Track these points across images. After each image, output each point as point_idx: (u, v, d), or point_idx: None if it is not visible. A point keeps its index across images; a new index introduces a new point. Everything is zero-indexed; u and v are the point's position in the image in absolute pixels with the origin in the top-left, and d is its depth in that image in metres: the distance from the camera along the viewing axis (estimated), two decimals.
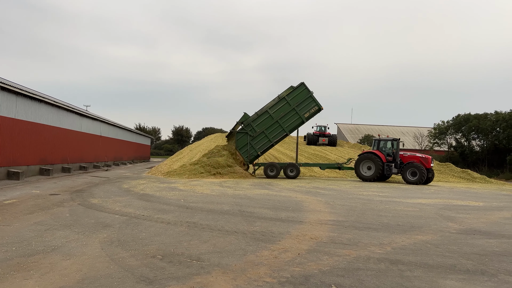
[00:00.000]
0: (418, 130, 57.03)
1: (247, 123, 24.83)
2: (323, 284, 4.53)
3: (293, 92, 24.94)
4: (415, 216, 10.06)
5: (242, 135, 25.00)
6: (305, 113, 25.07)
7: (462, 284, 4.69)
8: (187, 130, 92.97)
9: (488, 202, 14.18)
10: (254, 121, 24.82)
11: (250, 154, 25.10)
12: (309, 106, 25.05)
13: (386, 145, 24.68)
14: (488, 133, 42.99)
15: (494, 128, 42.29)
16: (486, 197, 16.60)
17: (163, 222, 8.14)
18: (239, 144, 25.24)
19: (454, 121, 46.43)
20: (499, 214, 10.99)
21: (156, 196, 12.59)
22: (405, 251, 6.24)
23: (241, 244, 6.37)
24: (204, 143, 39.86)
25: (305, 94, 24.94)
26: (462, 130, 45.18)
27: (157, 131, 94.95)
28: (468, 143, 45.51)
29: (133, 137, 48.73)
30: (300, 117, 24.95)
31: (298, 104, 24.80)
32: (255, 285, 4.42)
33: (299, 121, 25.14)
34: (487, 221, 9.68)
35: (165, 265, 5.07)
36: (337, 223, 8.65)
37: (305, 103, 24.97)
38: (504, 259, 5.92)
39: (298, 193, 15.02)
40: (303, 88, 25.01)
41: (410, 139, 58.52)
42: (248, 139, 24.81)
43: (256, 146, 24.94)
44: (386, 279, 4.79)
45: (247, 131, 24.78)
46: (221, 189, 15.44)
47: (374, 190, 17.66)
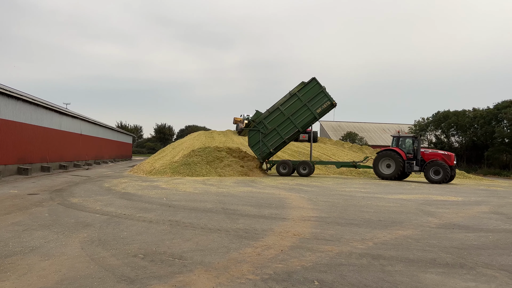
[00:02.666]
0: (399, 127, 57.85)
1: (259, 120, 24.62)
2: (305, 280, 4.54)
3: (304, 88, 24.43)
4: (396, 211, 10.20)
5: (254, 133, 24.81)
6: (317, 109, 24.45)
7: (441, 277, 4.77)
8: (169, 128, 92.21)
9: (466, 197, 14.48)
10: (266, 118, 24.56)
11: (262, 151, 24.88)
12: (321, 102, 24.43)
13: (406, 142, 23.58)
14: (466, 130, 43.96)
15: (472, 124, 43.25)
16: (465, 192, 16.96)
17: (145, 220, 8.05)
18: (251, 141, 25.04)
19: (434, 118, 47.34)
20: (477, 209, 11.23)
21: (138, 195, 12.45)
22: (386, 246, 6.31)
23: (224, 241, 6.34)
24: (187, 141, 39.60)
25: (316, 89, 24.36)
26: (441, 126, 46.09)
27: (139, 129, 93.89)
28: (447, 140, 46.47)
29: (114, 135, 48.06)
30: (312, 113, 24.38)
31: (310, 99, 24.26)
32: (238, 282, 4.40)
33: (311, 117, 24.60)
34: (466, 215, 9.89)
35: (147, 264, 5.01)
36: (319, 219, 8.70)
37: (316, 99, 24.39)
38: (482, 253, 6.05)
39: (281, 190, 15.06)
40: (315, 83, 24.43)
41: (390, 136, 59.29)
42: (260, 137, 24.59)
43: (268, 143, 24.68)
44: (368, 274, 4.83)
45: (259, 128, 24.57)
46: (204, 187, 15.37)
47: (356, 187, 17.84)
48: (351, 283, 4.48)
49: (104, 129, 42.30)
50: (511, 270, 5.15)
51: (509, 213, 10.56)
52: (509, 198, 14.89)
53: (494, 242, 6.81)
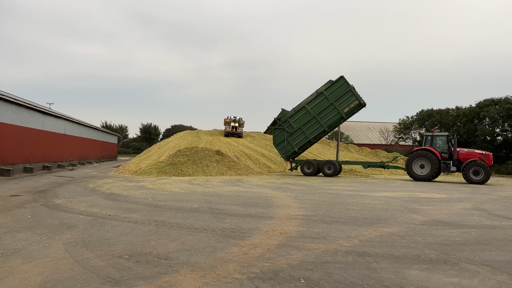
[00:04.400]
0: (384, 126, 58.52)
1: (285, 119, 24.34)
2: (292, 278, 4.55)
3: (331, 87, 24.01)
4: (381, 209, 10.31)
5: (279, 131, 24.58)
6: (344, 108, 23.94)
7: (425, 273, 4.83)
8: (155, 127, 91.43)
9: (450, 194, 14.72)
10: (292, 117, 24.30)
11: (287, 150, 24.67)
12: (348, 101, 23.90)
13: (440, 141, 22.60)
14: (449, 128, 44.66)
15: (455, 123, 43.98)
16: (449, 189, 17.23)
17: (130, 221, 7.97)
18: (276, 140, 24.82)
19: (418, 116, 48.00)
20: (460, 205, 11.42)
21: (123, 195, 12.32)
22: (372, 243, 6.37)
23: (210, 241, 6.32)
24: (173, 141, 39.36)
25: (344, 88, 23.88)
26: (425, 125, 46.74)
27: (124, 129, 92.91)
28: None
29: (99, 135, 47.48)
30: (339, 112, 23.91)
31: (337, 98, 23.81)
32: (224, 282, 4.39)
33: (338, 116, 24.11)
34: (449, 212, 10.05)
35: (132, 265, 4.96)
36: (306, 217, 8.74)
37: (344, 98, 23.89)
38: (465, 248, 6.15)
39: (268, 189, 15.08)
40: (343, 81, 23.97)
41: (376, 135, 59.96)
42: (285, 135, 24.33)
43: (293, 142, 24.47)
44: (353, 271, 4.87)
45: (284, 127, 24.33)
46: (190, 187, 15.29)
47: (342, 185, 17.98)
48: (337, 280, 4.51)
49: (89, 129, 41.76)
50: (493, 265, 5.25)
51: (491, 209, 10.77)
52: (491, 194, 15.18)
53: (477, 238, 6.93)
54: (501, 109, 39.15)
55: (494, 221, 8.81)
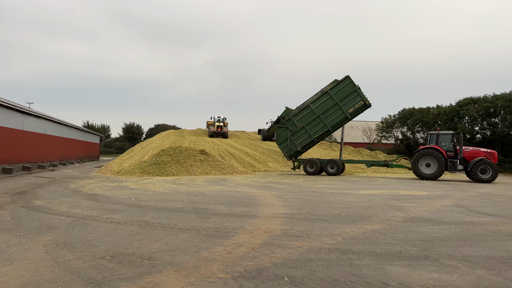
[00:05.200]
0: (367, 124, 59.14)
1: (288, 118, 24.08)
2: (276, 276, 4.57)
3: (337, 86, 23.75)
4: (364, 206, 10.42)
5: (283, 130, 24.33)
6: (349, 109, 23.73)
7: (407, 269, 4.91)
8: (138, 127, 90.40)
9: (431, 191, 14.97)
10: (295, 116, 24.06)
11: (290, 149, 24.43)
12: (354, 101, 23.68)
13: (446, 139, 22.31)
14: (431, 126, 45.41)
15: (436, 121, 44.75)
16: (430, 186, 17.54)
17: (112, 222, 7.87)
18: (279, 138, 24.56)
19: (400, 115, 48.68)
20: (441, 202, 11.63)
21: (105, 196, 12.16)
22: (354, 240, 6.44)
23: (194, 241, 6.29)
24: (156, 140, 39.03)
25: (350, 88, 23.62)
26: (407, 123, 47.47)
27: (106, 128, 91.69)
28: (413, 136, 47.88)
29: (80, 135, 46.74)
30: (343, 112, 23.70)
31: (342, 98, 23.57)
32: (208, 281, 4.38)
33: (342, 116, 23.90)
34: (430, 209, 10.22)
35: (115, 266, 4.90)
36: (290, 216, 8.77)
37: (349, 98, 23.66)
38: (445, 244, 6.27)
39: (252, 188, 15.09)
40: (348, 81, 23.70)
41: (359, 133, 60.56)
42: (289, 134, 24.06)
43: (296, 141, 24.24)
44: (336, 268, 4.91)
45: (288, 125, 24.08)
46: (174, 187, 15.19)
47: (326, 183, 18.11)
48: (320, 278, 4.55)
49: (70, 128, 41.06)
50: (472, 260, 5.37)
51: (470, 205, 11.00)
52: (471, 191, 15.50)
53: (457, 234, 7.07)
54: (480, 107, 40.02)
55: (473, 217, 9.00)
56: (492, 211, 9.94)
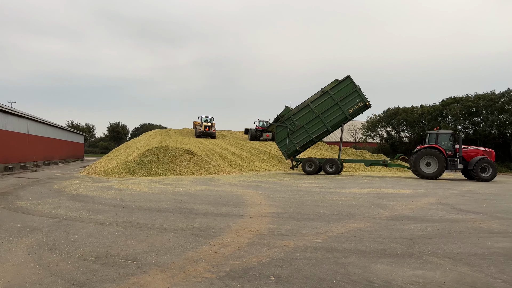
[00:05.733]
0: (352, 124, 59.63)
1: (288, 117, 23.99)
2: (262, 275, 4.57)
3: (337, 86, 23.74)
4: (349, 205, 10.51)
5: (282, 129, 24.24)
6: (349, 109, 23.72)
7: (391, 267, 4.97)
8: (123, 126, 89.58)
9: (415, 190, 15.19)
10: (295, 115, 23.97)
11: (288, 148, 24.33)
12: (354, 102, 23.69)
13: (444, 138, 22.50)
14: (415, 125, 46.07)
15: (420, 120, 45.40)
16: (414, 185, 17.79)
17: (97, 222, 7.78)
18: (278, 137, 24.48)
19: (385, 114, 49.26)
20: (424, 200, 11.81)
21: (90, 196, 12.01)
22: (340, 239, 6.49)
23: (180, 241, 6.26)
24: (142, 140, 38.74)
25: (350, 88, 23.61)
26: (392, 122, 48.04)
27: (91, 128, 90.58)
28: (397, 135, 48.49)
29: (64, 135, 46.05)
30: (343, 112, 23.69)
31: (342, 98, 23.54)
32: (194, 281, 4.36)
33: (342, 117, 23.90)
34: (414, 207, 10.37)
35: (99, 267, 4.85)
36: (276, 215, 8.80)
37: (349, 98, 23.66)
38: (429, 242, 6.37)
39: (239, 188, 15.08)
40: (349, 81, 23.70)
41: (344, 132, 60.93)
42: (288, 133, 23.96)
43: (295, 140, 24.16)
44: (322, 266, 4.95)
45: (287, 124, 23.98)
46: (160, 187, 15.09)
47: (312, 182, 18.21)
48: (306, 276, 4.57)
49: (54, 128, 40.42)
50: (455, 257, 5.46)
51: (453, 203, 11.19)
52: (454, 189, 15.78)
53: (440, 232, 7.19)
54: (463, 107, 40.73)
55: (456, 214, 9.16)
56: (474, 209, 10.14)
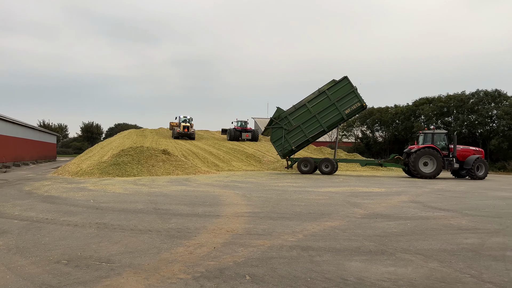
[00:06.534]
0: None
1: (284, 116, 23.86)
2: (237, 275, 4.58)
3: (334, 86, 23.71)
4: (325, 204, 10.64)
5: (277, 129, 24.09)
6: (346, 109, 23.76)
7: (365, 264, 5.06)
8: (97, 126, 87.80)
9: (389, 188, 15.50)
10: (291, 114, 23.81)
11: (284, 148, 24.14)
12: (350, 102, 23.71)
13: (439, 138, 22.74)
14: (389, 125, 47.01)
15: (394, 120, 46.36)
16: (388, 183, 18.15)
17: (69, 224, 7.60)
18: (273, 136, 24.31)
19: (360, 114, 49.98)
20: (398, 199, 12.07)
21: (62, 198, 11.72)
22: (315, 237, 6.56)
23: (155, 242, 6.19)
24: (116, 140, 38.10)
25: (347, 89, 23.64)
26: (367, 122, 48.87)
27: (63, 128, 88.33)
28: (372, 135, 49.39)
29: (36, 135, 44.75)
30: (340, 113, 23.68)
31: (339, 99, 23.52)
32: (169, 282, 4.33)
33: (338, 117, 23.91)
34: (388, 205, 10.59)
35: (71, 270, 4.74)
36: (253, 214, 8.82)
37: (346, 99, 23.66)
38: (401, 239, 6.52)
39: (216, 188, 15.03)
40: (346, 82, 23.70)
41: None
42: (283, 133, 23.82)
43: (291, 140, 24.01)
44: (297, 265, 4.99)
45: (282, 125, 23.85)
46: (135, 187, 14.87)
47: (289, 181, 18.33)
48: (281, 275, 4.60)
49: (24, 128, 39.22)
50: (426, 253, 5.61)
51: (425, 201, 11.48)
52: (426, 187, 16.19)
53: (412, 229, 7.36)
54: (435, 107, 41.83)
55: (427, 212, 9.41)
56: (445, 206, 10.43)
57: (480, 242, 6.36)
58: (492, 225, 7.81)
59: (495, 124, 37.90)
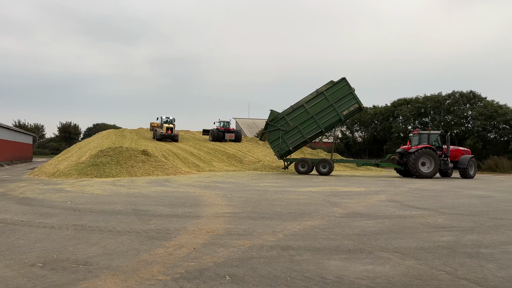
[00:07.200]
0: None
1: (281, 116, 23.75)
2: (217, 276, 4.56)
3: (332, 87, 23.72)
4: (305, 203, 10.72)
5: (274, 130, 24.01)
6: (344, 111, 23.78)
7: (344, 263, 5.12)
8: (75, 126, 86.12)
9: (368, 187, 15.73)
10: (289, 115, 23.72)
11: (281, 148, 24.03)
12: (348, 104, 23.76)
13: (435, 138, 23.20)
14: (368, 125, 47.68)
15: (373, 120, 47.04)
16: (367, 183, 18.41)
17: (45, 226, 7.43)
18: (270, 137, 24.17)
19: None
20: (376, 198, 12.26)
21: (38, 199, 11.45)
22: (295, 237, 6.60)
23: (134, 244, 6.11)
24: (95, 140, 37.48)
25: (345, 90, 23.69)
26: (346, 123, 49.38)
27: (40, 128, 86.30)
28: (352, 135, 49.99)
29: (10, 135, 43.61)
30: (338, 114, 23.70)
31: (337, 100, 23.55)
32: (147, 284, 4.28)
33: (336, 118, 23.97)
34: (367, 204, 10.74)
35: (47, 273, 4.64)
36: (233, 214, 8.81)
37: (344, 100, 23.69)
38: (379, 237, 6.62)
39: (196, 188, 14.95)
40: (344, 83, 23.75)
41: None
42: (281, 133, 23.76)
43: (288, 140, 23.91)
44: (277, 265, 5.01)
45: (278, 126, 23.80)
46: (114, 188, 14.65)
47: (270, 181, 18.38)
48: (261, 275, 4.61)
49: None
50: (403, 251, 5.72)
51: (403, 200, 11.70)
52: (404, 187, 16.49)
53: (390, 227, 7.49)
54: (412, 107, 42.63)
55: (405, 211, 9.59)
56: (422, 205, 10.65)
57: (455, 239, 6.52)
58: (466, 223, 8.02)
59: (470, 125, 38.91)
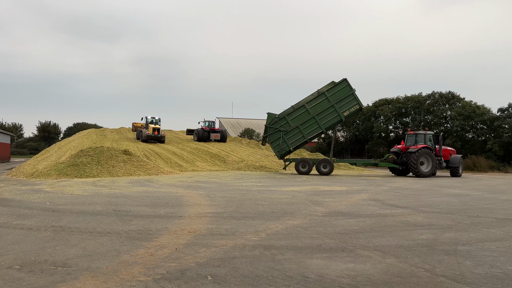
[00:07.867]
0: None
1: (282, 116, 23.64)
2: (199, 276, 4.54)
3: (334, 88, 23.75)
4: (288, 202, 10.76)
5: (275, 130, 23.91)
6: (345, 111, 23.89)
7: (325, 261, 5.16)
8: (55, 126, 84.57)
9: (349, 187, 15.89)
10: (289, 115, 23.62)
11: (281, 148, 23.90)
12: (349, 104, 23.87)
13: (429, 139, 23.76)
14: (350, 125, 48.16)
15: (355, 120, 47.53)
16: (348, 182, 18.60)
17: (23, 228, 7.27)
18: (271, 138, 24.05)
19: None
20: (358, 197, 12.39)
21: (16, 200, 11.19)
22: (278, 236, 6.62)
23: (114, 245, 6.03)
24: (75, 140, 36.85)
25: (346, 91, 23.79)
26: None
27: (18, 127, 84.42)
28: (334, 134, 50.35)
29: None
30: (338, 115, 23.80)
31: (338, 101, 23.63)
32: (128, 285, 4.22)
33: (337, 119, 24.04)
34: (348, 203, 10.85)
35: (24, 275, 4.53)
36: (216, 214, 8.78)
37: (345, 101, 23.79)
38: (360, 236, 6.70)
39: (179, 188, 14.84)
40: (345, 84, 23.82)
41: None
42: (281, 134, 23.64)
43: (289, 141, 23.83)
44: (259, 264, 5.01)
45: (277, 127, 23.73)
46: (94, 189, 14.42)
47: (253, 181, 18.39)
48: (243, 274, 4.61)
49: None
50: (384, 250, 5.80)
51: (383, 199, 11.86)
52: (385, 186, 16.72)
53: (371, 226, 7.59)
54: (394, 107, 43.25)
55: (385, 210, 9.72)
56: (402, 204, 10.82)
57: (434, 237, 6.65)
58: (445, 221, 8.18)
59: (449, 125, 39.71)
